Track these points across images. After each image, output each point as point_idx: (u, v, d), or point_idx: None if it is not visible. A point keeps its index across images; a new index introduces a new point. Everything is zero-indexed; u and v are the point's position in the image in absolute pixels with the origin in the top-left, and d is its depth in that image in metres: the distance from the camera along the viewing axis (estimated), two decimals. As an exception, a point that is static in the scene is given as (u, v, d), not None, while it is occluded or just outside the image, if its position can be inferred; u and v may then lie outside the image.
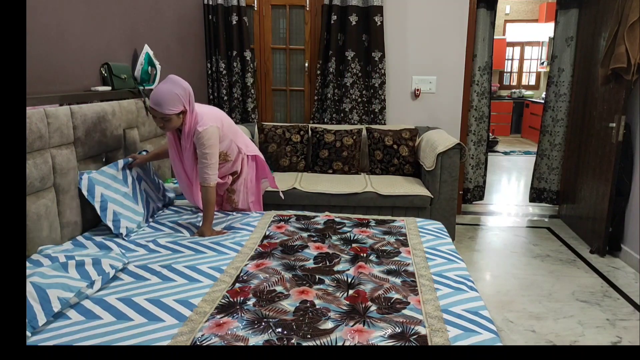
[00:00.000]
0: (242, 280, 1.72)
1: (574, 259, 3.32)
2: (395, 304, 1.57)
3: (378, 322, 1.44)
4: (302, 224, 2.37)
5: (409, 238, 2.18)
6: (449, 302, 1.57)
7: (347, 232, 2.24)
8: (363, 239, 2.16)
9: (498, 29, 8.64)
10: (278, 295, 1.62)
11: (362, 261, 1.89)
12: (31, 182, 1.87)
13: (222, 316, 1.47)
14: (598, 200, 3.41)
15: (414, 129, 3.73)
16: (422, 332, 1.39)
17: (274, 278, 1.74)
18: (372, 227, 2.32)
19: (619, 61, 2.98)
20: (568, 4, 4.01)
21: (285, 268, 1.84)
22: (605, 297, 2.75)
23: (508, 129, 8.91)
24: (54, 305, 1.44)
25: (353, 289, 1.66)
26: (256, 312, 1.50)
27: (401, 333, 1.39)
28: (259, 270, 1.81)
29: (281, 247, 2.04)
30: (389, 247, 2.05)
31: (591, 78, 3.63)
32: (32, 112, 1.88)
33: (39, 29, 2.06)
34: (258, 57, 4.15)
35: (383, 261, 1.91)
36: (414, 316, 1.48)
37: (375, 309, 1.53)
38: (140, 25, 2.94)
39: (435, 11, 3.90)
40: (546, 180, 4.34)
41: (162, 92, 2.11)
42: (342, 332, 1.39)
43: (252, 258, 1.93)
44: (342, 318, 1.47)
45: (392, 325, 1.43)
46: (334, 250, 2.03)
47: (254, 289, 1.65)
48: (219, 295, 1.60)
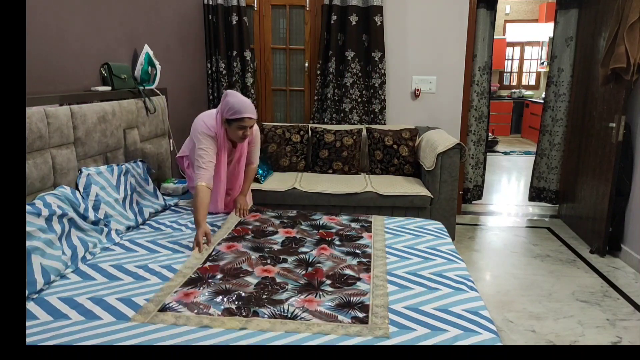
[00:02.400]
0: (212, 259, 1.90)
1: (574, 259, 3.32)
2: (348, 279, 1.74)
3: (329, 294, 1.61)
4: (276, 212, 2.53)
5: (374, 225, 2.33)
6: (449, 302, 1.57)
7: (317, 220, 2.41)
8: (331, 226, 2.33)
9: (498, 29, 8.65)
10: (243, 272, 1.79)
11: (326, 244, 2.07)
12: (31, 182, 1.87)
13: (190, 287, 1.65)
14: (598, 200, 3.41)
15: (414, 129, 3.73)
16: (366, 303, 1.55)
17: (242, 258, 1.92)
18: (341, 215, 2.49)
19: (618, 61, 2.98)
20: (568, 4, 4.01)
21: (253, 249, 2.01)
22: (605, 297, 2.75)
23: (508, 129, 8.90)
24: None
25: (312, 267, 1.84)
26: (220, 285, 1.67)
27: (347, 303, 1.55)
28: (230, 251, 1.99)
29: (252, 233, 2.21)
30: (353, 233, 2.23)
31: (591, 78, 3.63)
32: (32, 112, 1.88)
33: (39, 29, 2.06)
34: (258, 57, 4.15)
35: (345, 244, 2.08)
36: (362, 289, 1.65)
37: (329, 283, 1.70)
38: (140, 25, 2.94)
39: (435, 11, 3.90)
40: (546, 179, 4.34)
41: (249, 102, 2.23)
42: (295, 301, 1.56)
43: (225, 240, 2.11)
44: (298, 290, 1.64)
45: (341, 296, 1.60)
46: (302, 235, 2.20)
47: (222, 266, 1.83)
48: (189, 271, 1.79)
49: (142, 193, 2.51)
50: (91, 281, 1.70)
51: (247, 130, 2.26)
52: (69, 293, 1.60)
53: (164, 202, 2.61)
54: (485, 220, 4.18)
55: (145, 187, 2.55)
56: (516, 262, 3.24)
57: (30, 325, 1.40)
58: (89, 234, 1.99)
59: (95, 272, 1.77)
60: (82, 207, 2.01)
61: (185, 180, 3.00)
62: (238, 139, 2.31)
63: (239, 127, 2.23)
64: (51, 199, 1.84)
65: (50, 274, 1.65)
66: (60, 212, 1.83)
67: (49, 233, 1.74)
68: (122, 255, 1.95)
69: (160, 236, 2.17)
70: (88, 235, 1.98)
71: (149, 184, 2.58)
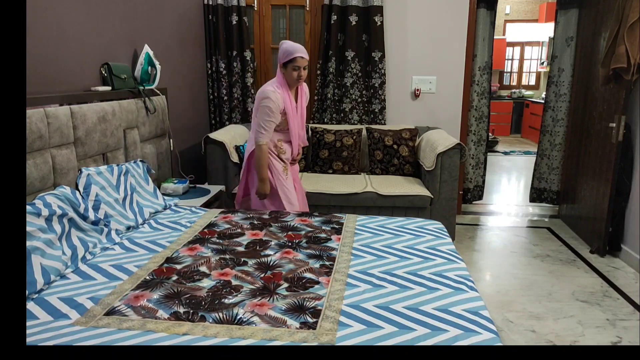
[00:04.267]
0: (171, 261, 1.87)
1: (574, 259, 3.32)
2: (306, 283, 1.69)
3: (283, 298, 1.57)
4: (247, 214, 2.48)
5: (345, 226, 2.29)
6: (449, 302, 1.57)
7: (288, 222, 2.36)
8: (300, 227, 2.28)
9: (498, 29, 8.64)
10: (200, 274, 1.75)
11: (291, 247, 2.02)
12: (31, 182, 1.87)
13: (141, 290, 1.62)
14: (598, 200, 3.41)
15: (414, 129, 3.73)
16: (319, 307, 1.50)
17: (201, 260, 1.88)
18: (313, 217, 2.45)
19: (619, 61, 2.98)
20: (568, 4, 4.01)
21: (215, 252, 1.97)
22: (605, 297, 2.75)
23: (508, 129, 8.90)
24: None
25: (272, 270, 1.79)
26: (171, 288, 1.64)
27: (300, 307, 1.51)
28: (191, 253, 1.95)
29: (218, 235, 2.16)
30: (322, 235, 2.17)
31: (591, 78, 3.63)
32: (32, 112, 1.88)
33: (39, 29, 2.06)
34: (258, 57, 4.15)
35: (312, 246, 2.03)
36: (318, 293, 1.60)
37: (286, 287, 1.65)
38: (140, 25, 2.94)
39: (435, 11, 3.90)
40: (546, 180, 4.34)
41: (300, 45, 2.55)
42: (245, 305, 1.52)
43: (189, 242, 2.07)
44: (252, 294, 1.60)
45: (295, 300, 1.55)
46: (269, 237, 2.14)
47: (180, 269, 1.79)
48: (144, 273, 1.76)
49: (142, 193, 2.51)
50: (91, 281, 1.70)
51: (301, 71, 2.56)
52: (69, 293, 1.60)
53: (164, 202, 2.61)
54: (486, 220, 4.18)
55: (145, 187, 2.55)
56: (516, 262, 3.24)
57: (30, 325, 1.40)
58: (89, 234, 1.99)
59: (95, 272, 1.77)
60: (82, 207, 2.01)
61: (185, 180, 3.01)
62: (294, 82, 2.59)
63: (293, 68, 2.54)
64: (51, 199, 1.84)
65: (50, 274, 1.65)
66: (60, 212, 1.83)
67: (49, 233, 1.74)
68: (122, 255, 1.95)
69: (160, 236, 2.17)
70: (88, 235, 1.98)
71: (149, 184, 2.58)
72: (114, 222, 2.17)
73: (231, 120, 4.13)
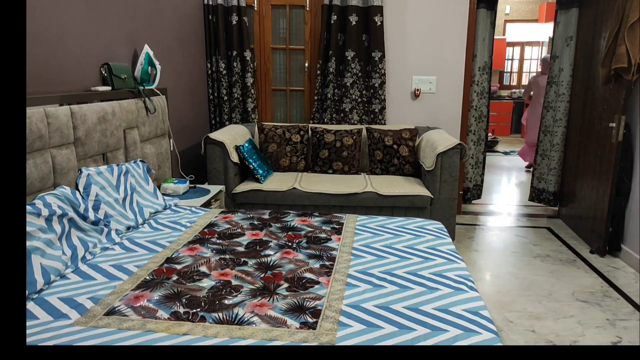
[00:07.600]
0: (171, 261, 1.87)
1: (574, 259, 3.32)
2: (306, 283, 1.69)
3: (283, 298, 1.57)
4: (247, 214, 2.48)
5: (345, 226, 2.28)
6: (449, 302, 1.57)
7: (288, 222, 2.36)
8: (301, 227, 2.28)
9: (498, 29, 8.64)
10: (200, 275, 1.76)
11: (291, 247, 2.02)
12: (31, 182, 1.87)
13: (141, 290, 1.62)
14: (598, 200, 3.41)
15: (414, 129, 3.73)
16: (319, 307, 1.51)
17: (202, 260, 1.88)
18: (313, 217, 2.44)
19: (619, 61, 2.98)
20: (568, 3, 4.01)
21: (216, 252, 1.97)
22: (605, 297, 2.75)
23: (508, 129, 8.90)
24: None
25: (272, 270, 1.80)
26: (172, 289, 1.64)
27: (300, 307, 1.51)
28: (191, 253, 1.95)
29: (218, 235, 2.17)
30: (322, 235, 2.17)
31: (591, 78, 3.63)
32: (32, 112, 1.88)
33: (39, 29, 2.06)
34: (258, 57, 4.15)
35: (312, 246, 2.03)
36: (318, 293, 1.60)
37: (286, 287, 1.66)
38: (140, 25, 2.94)
39: (435, 11, 3.90)
40: (546, 180, 4.34)
41: None
42: (245, 306, 1.52)
43: (189, 243, 2.07)
44: (252, 294, 1.60)
45: (295, 300, 1.55)
46: (269, 237, 2.14)
47: (180, 269, 1.79)
48: (144, 273, 1.76)
49: (142, 193, 2.51)
50: (91, 281, 1.70)
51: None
52: (69, 293, 1.60)
53: (164, 202, 2.61)
54: (485, 220, 4.18)
55: (145, 187, 2.55)
56: (516, 262, 3.24)
57: (30, 325, 1.40)
58: (89, 234, 1.99)
59: (95, 272, 1.77)
60: (82, 207, 2.01)
61: (185, 180, 3.01)
62: None
63: None
64: (51, 199, 1.84)
65: (50, 274, 1.65)
66: (60, 212, 1.83)
67: (49, 233, 1.74)
68: (122, 255, 1.95)
69: (160, 236, 2.17)
70: (88, 235, 1.98)
71: (149, 184, 2.58)
72: (114, 222, 2.17)
73: (231, 120, 4.13)
